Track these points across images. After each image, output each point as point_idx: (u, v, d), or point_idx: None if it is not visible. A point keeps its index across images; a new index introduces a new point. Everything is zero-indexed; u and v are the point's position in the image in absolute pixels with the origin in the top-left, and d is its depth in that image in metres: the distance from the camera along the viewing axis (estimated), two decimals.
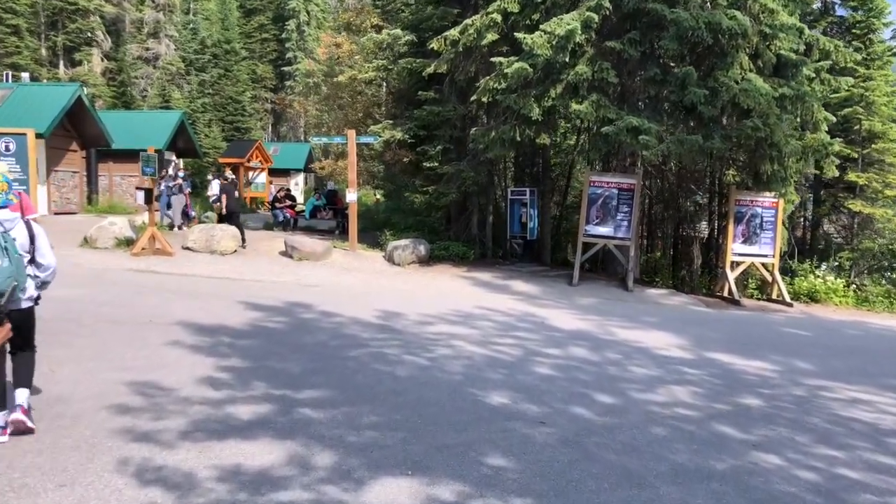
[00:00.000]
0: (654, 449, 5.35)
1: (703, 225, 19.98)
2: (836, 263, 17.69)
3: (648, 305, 14.30)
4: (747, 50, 13.60)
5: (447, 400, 6.25)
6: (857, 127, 18.62)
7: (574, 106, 14.18)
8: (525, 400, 6.45)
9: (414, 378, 6.93)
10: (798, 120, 14.50)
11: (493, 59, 15.16)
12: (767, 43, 13.81)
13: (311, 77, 36.59)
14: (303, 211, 22.47)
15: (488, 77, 15.13)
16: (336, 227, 20.97)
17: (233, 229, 16.39)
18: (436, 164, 17.36)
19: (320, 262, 15.84)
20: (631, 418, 6.16)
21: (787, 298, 15.77)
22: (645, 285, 16.55)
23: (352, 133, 17.85)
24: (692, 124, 14.17)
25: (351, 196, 17.47)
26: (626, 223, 15.78)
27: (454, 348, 8.49)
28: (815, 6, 22.64)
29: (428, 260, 17.06)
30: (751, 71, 13.49)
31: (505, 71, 14.44)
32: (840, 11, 23.40)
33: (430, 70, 16.72)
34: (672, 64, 14.62)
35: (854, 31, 21.38)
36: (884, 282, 17.01)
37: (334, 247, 17.15)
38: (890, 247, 17.08)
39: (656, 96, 14.74)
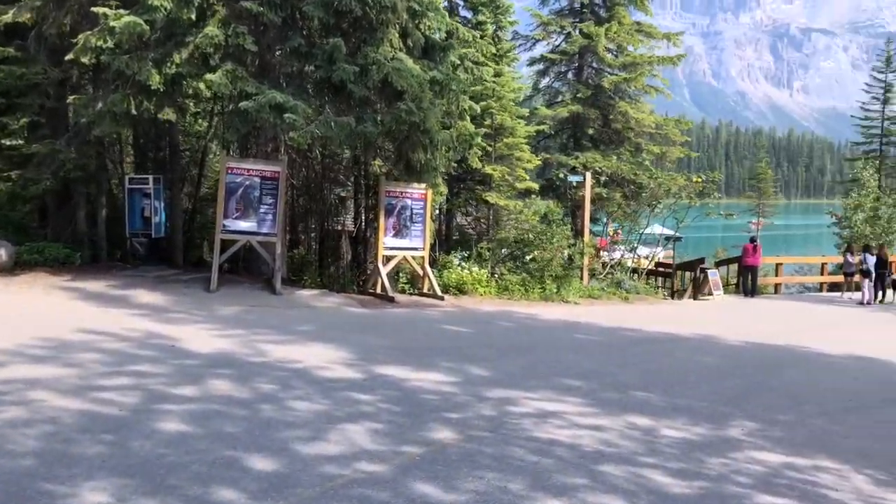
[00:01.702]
0: None
1: (349, 219, 19.03)
2: (477, 253, 18.10)
3: (301, 310, 12.62)
4: (397, 27, 12.65)
5: None
6: (488, 122, 19.36)
7: (206, 76, 11.77)
8: (139, 490, 4.17)
9: None
10: (446, 107, 14.07)
11: (94, 10, 11.91)
12: (417, 21, 13.03)
13: None
14: None
15: (90, 32, 11.84)
16: None
17: None
18: (20, 141, 13.33)
19: None
20: (302, 495, 4.30)
21: (438, 291, 15.46)
22: (293, 286, 14.84)
23: None
24: (342, 106, 12.78)
25: None
26: (270, 217, 13.86)
27: (31, 405, 5.70)
28: (442, 6, 23.29)
29: (13, 267, 13.00)
30: (401, 50, 12.58)
31: (112, 25, 11.37)
32: (464, 13, 24.50)
33: (7, 19, 12.80)
34: (317, 40, 13.06)
35: (479, 30, 22.34)
36: (518, 271, 17.78)
37: None
38: (522, 237, 17.96)
39: (301, 72, 13.03)
